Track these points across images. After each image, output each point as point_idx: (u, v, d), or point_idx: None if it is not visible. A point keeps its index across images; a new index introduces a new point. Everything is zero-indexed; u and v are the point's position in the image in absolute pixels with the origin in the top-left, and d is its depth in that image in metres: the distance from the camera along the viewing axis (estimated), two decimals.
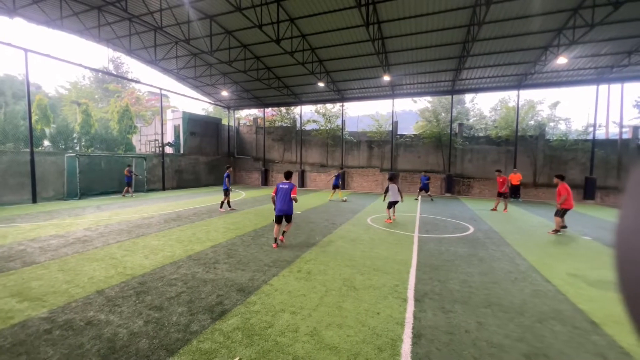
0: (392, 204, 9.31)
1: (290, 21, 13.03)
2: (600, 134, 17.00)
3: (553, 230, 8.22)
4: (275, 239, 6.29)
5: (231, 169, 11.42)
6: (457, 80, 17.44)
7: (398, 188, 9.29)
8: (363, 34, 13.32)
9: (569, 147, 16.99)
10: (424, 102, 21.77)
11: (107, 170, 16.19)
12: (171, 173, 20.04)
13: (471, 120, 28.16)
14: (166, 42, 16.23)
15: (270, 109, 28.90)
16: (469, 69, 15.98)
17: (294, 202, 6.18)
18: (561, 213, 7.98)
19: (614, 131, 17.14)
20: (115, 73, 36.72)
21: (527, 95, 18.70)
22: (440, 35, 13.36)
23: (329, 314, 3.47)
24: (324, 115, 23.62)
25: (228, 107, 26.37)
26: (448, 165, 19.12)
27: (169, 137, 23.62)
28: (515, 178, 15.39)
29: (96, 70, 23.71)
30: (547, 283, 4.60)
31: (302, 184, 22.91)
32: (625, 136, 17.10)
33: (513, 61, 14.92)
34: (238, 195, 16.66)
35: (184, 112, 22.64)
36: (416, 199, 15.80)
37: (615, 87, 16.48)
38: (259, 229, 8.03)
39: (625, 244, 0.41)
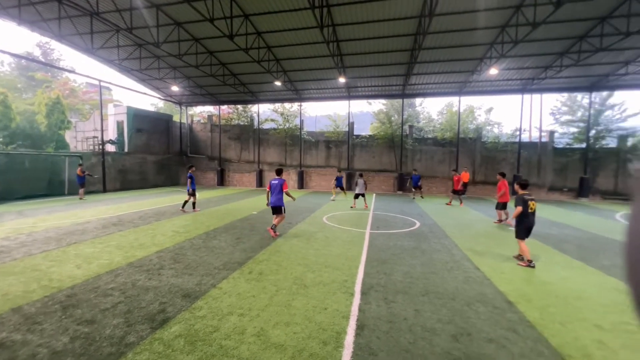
0: (358, 195, 11.98)
1: (245, 17, 12.71)
2: (525, 137, 19.43)
3: (497, 221, 9.48)
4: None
5: (194, 168, 11.16)
6: (407, 85, 18.58)
7: (364, 183, 11.90)
8: (318, 36, 13.51)
9: (500, 148, 19.19)
10: (378, 105, 22.82)
11: (33, 170, 14.20)
12: (113, 173, 18.28)
13: (421, 123, 30.14)
14: (105, 30, 14.72)
15: (226, 106, 27.86)
16: (417, 74, 17.12)
17: (290, 198, 7.38)
18: (501, 206, 9.21)
19: (535, 135, 19.73)
20: (42, 60, 32.28)
21: (468, 101, 20.61)
22: (390, 41, 14.10)
23: (278, 313, 3.51)
24: (282, 114, 23.48)
25: (180, 103, 24.82)
26: (400, 164, 20.28)
27: (111, 134, 21.50)
28: (466, 176, 16.93)
29: (17, 56, 20.61)
30: (477, 270, 5.17)
31: (259, 183, 22.51)
32: (544, 139, 19.80)
33: (454, 70, 16.34)
34: None
35: (128, 107, 20.79)
36: (413, 198, 16.58)
37: (536, 97, 18.94)
38: (212, 231, 7.74)
39: (636, 244, 0.42)
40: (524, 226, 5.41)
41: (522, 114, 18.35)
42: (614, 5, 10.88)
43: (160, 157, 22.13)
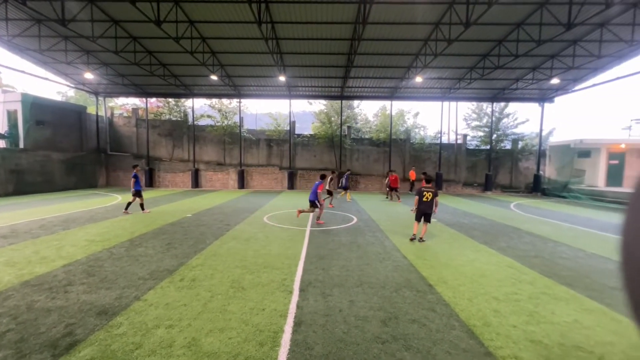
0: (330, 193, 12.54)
1: (175, 3, 11.66)
2: (445, 139, 22.14)
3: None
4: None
5: (139, 168, 10.75)
6: (345, 87, 19.42)
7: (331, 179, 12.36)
8: (257, 32, 13.17)
9: (425, 149, 21.54)
10: (319, 105, 23.33)
11: None
12: (4, 174, 14.96)
13: (359, 124, 31.84)
14: None
15: (155, 99, 25.22)
16: (353, 78, 18.01)
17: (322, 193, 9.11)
18: (393, 190, 11.93)
19: (453, 137, 22.67)
20: None
21: (399, 105, 22.59)
22: (329, 44, 14.54)
23: (212, 319, 3.34)
24: (220, 110, 22.27)
25: (96, 93, 21.53)
26: (339, 163, 21.11)
27: (1, 126, 17.50)
28: (412, 175, 18.72)
29: None
30: (404, 259, 5.71)
31: (195, 184, 20.98)
32: (459, 141, 22.86)
33: (387, 75, 17.68)
34: (112, 199, 13.89)
35: (24, 94, 17.24)
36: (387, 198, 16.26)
37: (453, 104, 21.71)
38: (137, 237, 6.94)
39: (631, 247, 0.43)
40: (419, 211, 6.97)
41: (442, 119, 20.92)
42: (507, 31, 13.12)
43: (71, 155, 18.90)
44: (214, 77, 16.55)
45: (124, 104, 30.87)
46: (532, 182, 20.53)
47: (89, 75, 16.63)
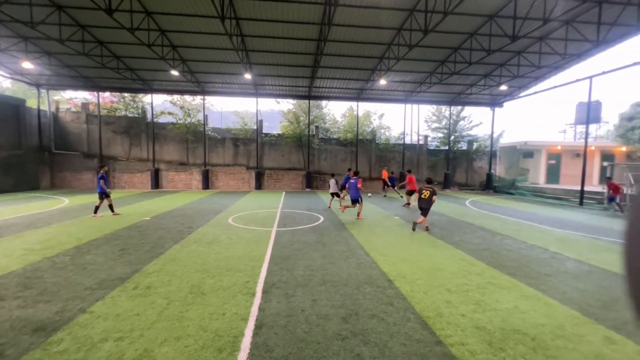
0: (333, 195, 12.07)
1: None
2: (408, 140, 23.21)
3: (406, 204, 12.73)
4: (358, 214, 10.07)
5: (106, 168, 10.36)
6: (313, 87, 19.51)
7: (336, 182, 12.10)
8: (221, 27, 12.74)
9: (390, 149, 22.40)
10: (287, 104, 23.19)
11: None
12: None
13: (327, 124, 32.16)
14: None
15: (108, 93, 23.32)
16: (321, 78, 18.16)
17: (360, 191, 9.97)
18: (409, 193, 12.79)
19: (415, 138, 23.85)
20: None
21: (365, 106, 23.18)
22: (296, 43, 14.50)
23: (167, 328, 3.20)
24: (182, 107, 21.22)
25: (38, 85, 19.39)
26: (307, 163, 21.17)
27: None
28: (384, 174, 19.16)
29: None
30: (367, 256, 5.90)
31: (155, 184, 19.78)
32: (421, 142, 24.08)
33: (353, 77, 18.07)
34: (57, 202, 12.61)
35: None
36: (385, 195, 17.50)
37: (415, 107, 22.79)
38: (85, 244, 6.39)
39: (635, 248, 0.43)
40: (419, 205, 8.43)
41: (405, 121, 21.90)
42: (462, 40, 14.07)
43: (7, 154, 16.83)
44: (175, 73, 15.71)
45: (72, 98, 28.14)
46: (485, 181, 22.25)
47: (27, 65, 14.91)
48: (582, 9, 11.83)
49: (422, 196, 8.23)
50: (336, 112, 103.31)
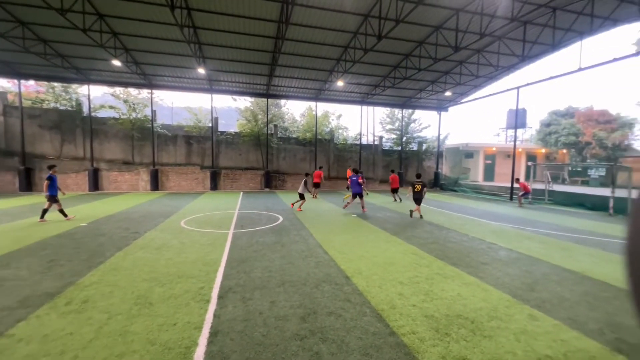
0: (301, 196, 11.81)
1: None
2: (364, 140, 24.12)
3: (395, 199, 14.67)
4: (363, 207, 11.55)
5: (56, 168, 9.45)
6: (271, 86, 19.20)
7: (305, 183, 12.03)
8: (170, 16, 11.89)
9: (348, 149, 23.03)
10: (244, 102, 22.47)
11: None
12: None
13: (286, 123, 31.91)
14: None
15: (33, 82, 20.29)
16: (279, 77, 17.96)
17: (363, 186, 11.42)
18: (394, 191, 14.76)
19: (371, 139, 24.91)
20: None
21: (323, 106, 23.50)
22: (253, 39, 14.12)
23: (108, 345, 2.90)
24: (126, 101, 19.32)
25: None
26: (266, 162, 20.80)
27: None
28: (349, 173, 19.34)
29: None
30: (326, 254, 6.00)
31: (94, 186, 17.77)
32: (376, 143, 25.20)
33: (311, 77, 18.19)
34: None
35: None
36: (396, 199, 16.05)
37: (371, 109, 23.77)
38: (3, 256, 5.49)
39: (636, 253, 0.42)
40: (413, 197, 10.31)
41: (361, 122, 22.70)
42: (412, 47, 15.02)
43: None
44: (117, 63, 14.24)
45: None
46: (433, 179, 24.06)
47: None
48: (511, 27, 13.42)
49: (415, 189, 10.20)
50: (295, 111, 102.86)
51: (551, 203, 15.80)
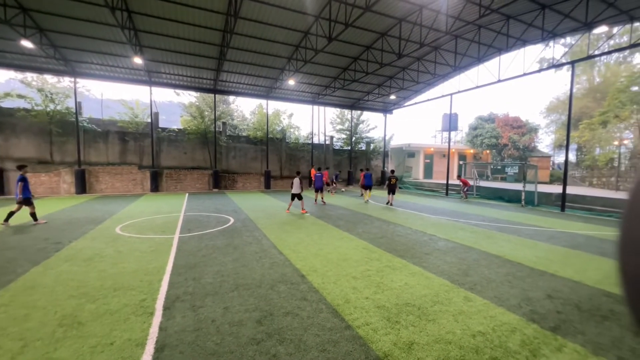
0: (294, 196, 11.10)
1: None
2: (316, 140, 24.46)
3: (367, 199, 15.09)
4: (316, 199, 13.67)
5: (28, 168, 8.81)
6: (219, 81, 18.27)
7: (300, 182, 11.23)
8: None
9: (300, 148, 23.11)
10: (189, 97, 20.97)
11: None
12: None
13: (235, 121, 30.68)
14: None
15: None
16: (227, 72, 17.18)
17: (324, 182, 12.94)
18: (364, 187, 14.91)
19: (322, 138, 25.38)
20: None
21: (275, 105, 23.17)
22: (198, 31, 13.25)
23: None
24: (41, 90, 16.52)
25: None
26: (214, 161, 19.74)
27: None
28: (313, 172, 19.34)
29: None
30: (280, 254, 5.95)
31: (1, 189, 14.87)
32: (327, 142, 25.77)
33: (262, 75, 17.79)
34: None
35: None
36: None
37: (322, 109, 24.20)
38: None
39: (629, 248, 0.41)
40: (388, 189, 13.14)
41: (312, 121, 23.00)
42: (360, 51, 15.70)
43: None
44: (27, 44, 12.08)
45: None
46: (380, 177, 25.50)
47: None
48: (445, 40, 14.89)
49: (391, 182, 13.09)
50: (245, 109, 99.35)
51: (479, 197, 18.00)
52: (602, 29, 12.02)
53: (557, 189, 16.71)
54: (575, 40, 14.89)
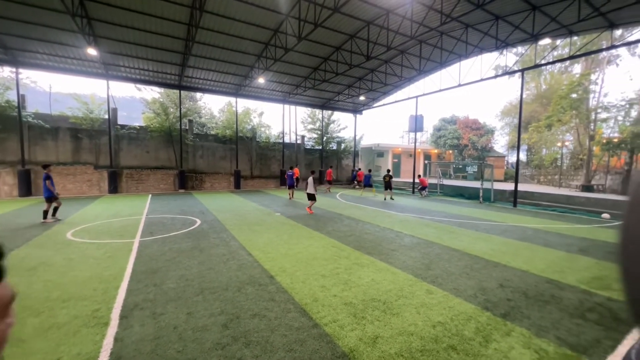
0: (309, 196, 11.02)
1: None
2: (287, 139, 24.29)
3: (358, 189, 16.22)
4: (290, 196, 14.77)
5: (52, 167, 9.52)
6: (184, 77, 17.45)
7: (314, 182, 11.09)
8: None
9: (271, 147, 22.80)
10: (151, 92, 19.76)
11: None
12: None
13: (203, 119, 29.55)
14: None
15: None
16: (194, 68, 16.47)
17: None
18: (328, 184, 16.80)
19: (293, 138, 25.27)
20: None
21: (245, 103, 22.67)
22: (161, 23, 12.53)
23: None
24: None
25: None
26: (180, 161, 18.84)
27: None
28: (297, 172, 19.63)
29: None
30: (249, 256, 5.84)
31: None
32: (299, 142, 25.72)
33: (230, 71, 17.29)
34: None
35: None
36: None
37: (293, 108, 24.09)
38: None
39: (630, 248, 0.40)
40: (386, 185, 15.26)
41: (284, 120, 22.82)
42: (331, 51, 15.86)
43: None
44: None
45: None
46: (351, 176, 25.96)
47: None
48: (411, 44, 15.52)
49: (385, 180, 15.38)
50: (213, 106, 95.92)
51: (442, 195, 19.01)
52: (546, 40, 13.25)
53: (510, 186, 18.16)
54: (525, 50, 16.26)
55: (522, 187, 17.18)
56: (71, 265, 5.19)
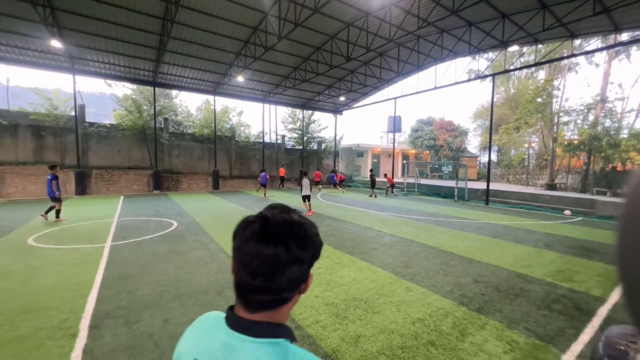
0: (305, 198, 10.70)
1: None
2: (267, 139, 24.04)
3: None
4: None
5: (58, 168, 9.27)
6: (159, 73, 16.77)
7: (310, 182, 10.81)
8: None
9: (251, 147, 22.45)
10: (123, 88, 18.80)
11: None
12: None
13: (179, 117, 28.57)
14: None
15: None
16: (169, 64, 15.87)
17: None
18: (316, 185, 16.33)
19: (274, 137, 25.06)
20: None
21: (223, 101, 22.16)
22: (132, 16, 11.95)
23: None
24: None
25: None
26: (155, 160, 18.09)
27: None
28: (282, 172, 19.47)
29: None
30: (229, 259, 5.70)
31: None
32: (279, 141, 25.50)
33: (208, 69, 16.82)
34: None
35: None
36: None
37: (273, 108, 23.86)
38: None
39: (629, 246, 0.40)
40: (371, 184, 16.21)
41: (264, 120, 22.55)
42: (311, 51, 15.86)
43: None
44: None
45: None
46: (328, 177, 26.11)
47: None
48: (389, 47, 15.85)
49: (372, 179, 16.86)
50: (190, 104, 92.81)
51: (420, 194, 19.59)
52: (514, 47, 14.02)
53: (482, 185, 19.03)
54: (496, 55, 17.10)
55: (493, 186, 18.07)
56: (34, 273, 4.83)
